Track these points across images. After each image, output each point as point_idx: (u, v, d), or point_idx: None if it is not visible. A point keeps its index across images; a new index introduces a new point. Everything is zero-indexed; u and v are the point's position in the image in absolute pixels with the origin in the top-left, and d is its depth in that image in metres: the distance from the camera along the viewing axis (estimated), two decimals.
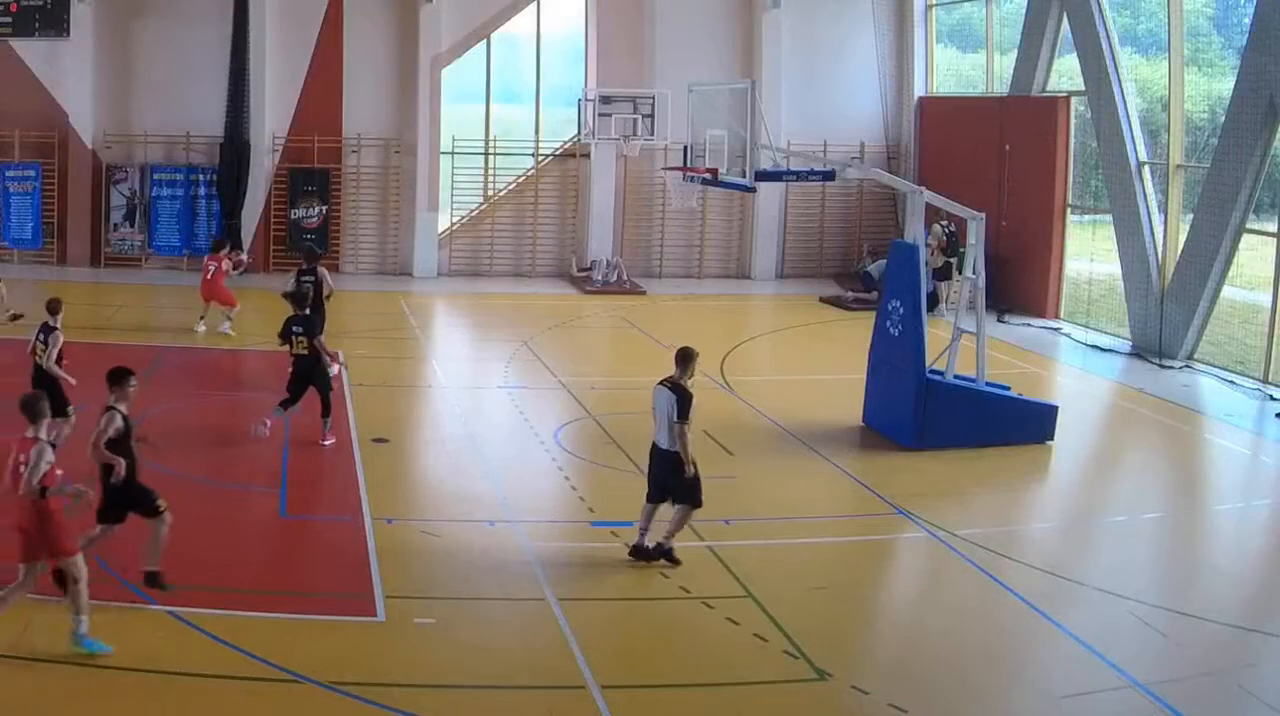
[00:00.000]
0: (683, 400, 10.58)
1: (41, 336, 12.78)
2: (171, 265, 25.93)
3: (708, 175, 16.67)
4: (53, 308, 13.09)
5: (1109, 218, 22.01)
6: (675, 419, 10.54)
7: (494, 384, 17.40)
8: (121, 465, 9.35)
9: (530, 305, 22.00)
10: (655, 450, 10.97)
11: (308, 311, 14.35)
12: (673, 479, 10.74)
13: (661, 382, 10.84)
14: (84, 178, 25.58)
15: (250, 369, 17.33)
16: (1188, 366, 19.64)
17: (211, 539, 10.99)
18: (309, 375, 13.87)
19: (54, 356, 12.65)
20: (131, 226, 25.85)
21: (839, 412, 15.88)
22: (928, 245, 22.95)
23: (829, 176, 16.33)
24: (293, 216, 26.22)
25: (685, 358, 10.90)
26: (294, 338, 13.88)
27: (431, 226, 26.74)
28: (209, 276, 19.55)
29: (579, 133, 26.37)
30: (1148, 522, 12.65)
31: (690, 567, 10.76)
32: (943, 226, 23.33)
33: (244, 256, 22.80)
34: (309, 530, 11.55)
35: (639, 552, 10.83)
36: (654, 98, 25.27)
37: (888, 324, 15.22)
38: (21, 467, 8.45)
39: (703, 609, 9.92)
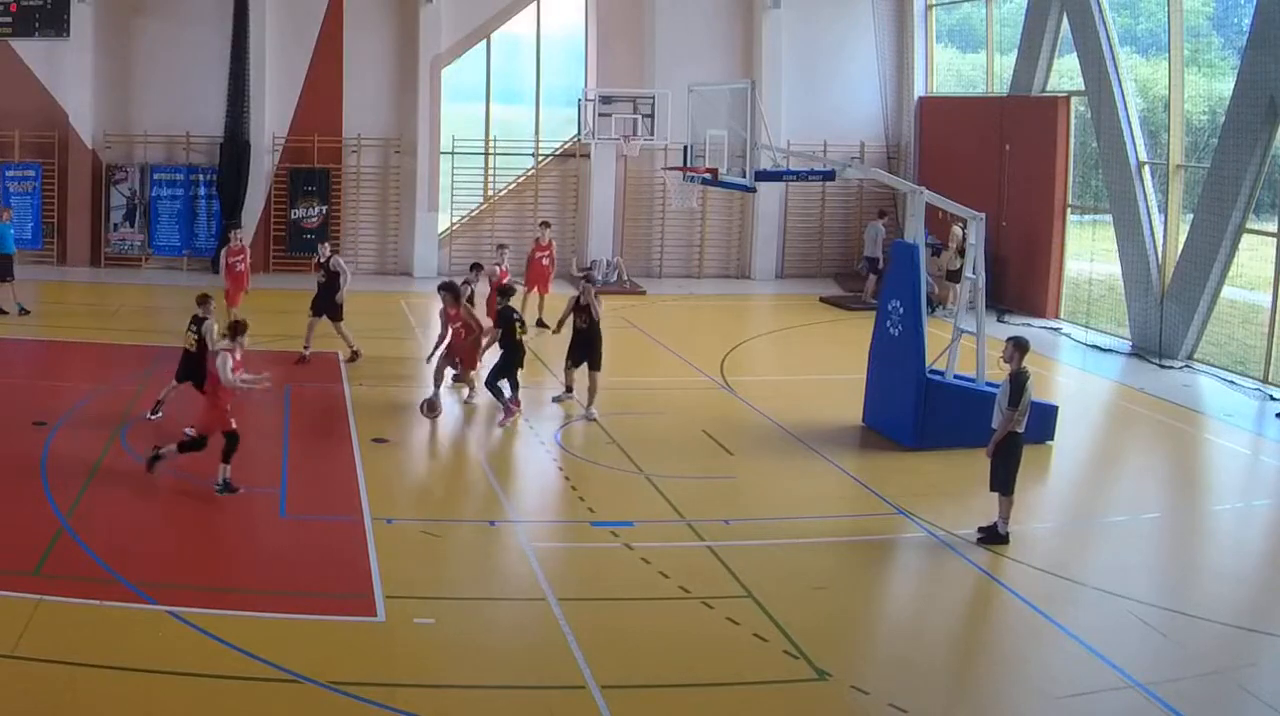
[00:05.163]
0: (1012, 387, 11.46)
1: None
2: (171, 265, 25.94)
3: (708, 175, 16.67)
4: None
5: (1109, 218, 22.01)
6: (1005, 405, 11.43)
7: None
8: None
9: (530, 305, 21.98)
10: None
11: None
12: (995, 460, 11.52)
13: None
14: (84, 178, 25.58)
15: (250, 369, 17.27)
16: (1188, 366, 19.63)
17: (211, 539, 11.01)
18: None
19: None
20: (131, 226, 25.86)
21: (839, 412, 15.88)
22: (946, 247, 22.96)
23: (829, 176, 16.32)
24: (293, 216, 26.22)
25: (1020, 347, 11.75)
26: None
27: (431, 226, 26.75)
28: None
29: (579, 133, 26.36)
30: (1148, 522, 12.65)
31: (690, 567, 10.77)
32: (962, 228, 23.27)
33: None
34: (309, 530, 11.54)
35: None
36: (654, 98, 25.27)
37: (888, 324, 15.22)
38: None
39: (703, 609, 9.92)
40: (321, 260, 18.47)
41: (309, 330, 18.03)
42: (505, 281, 18.70)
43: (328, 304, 18.10)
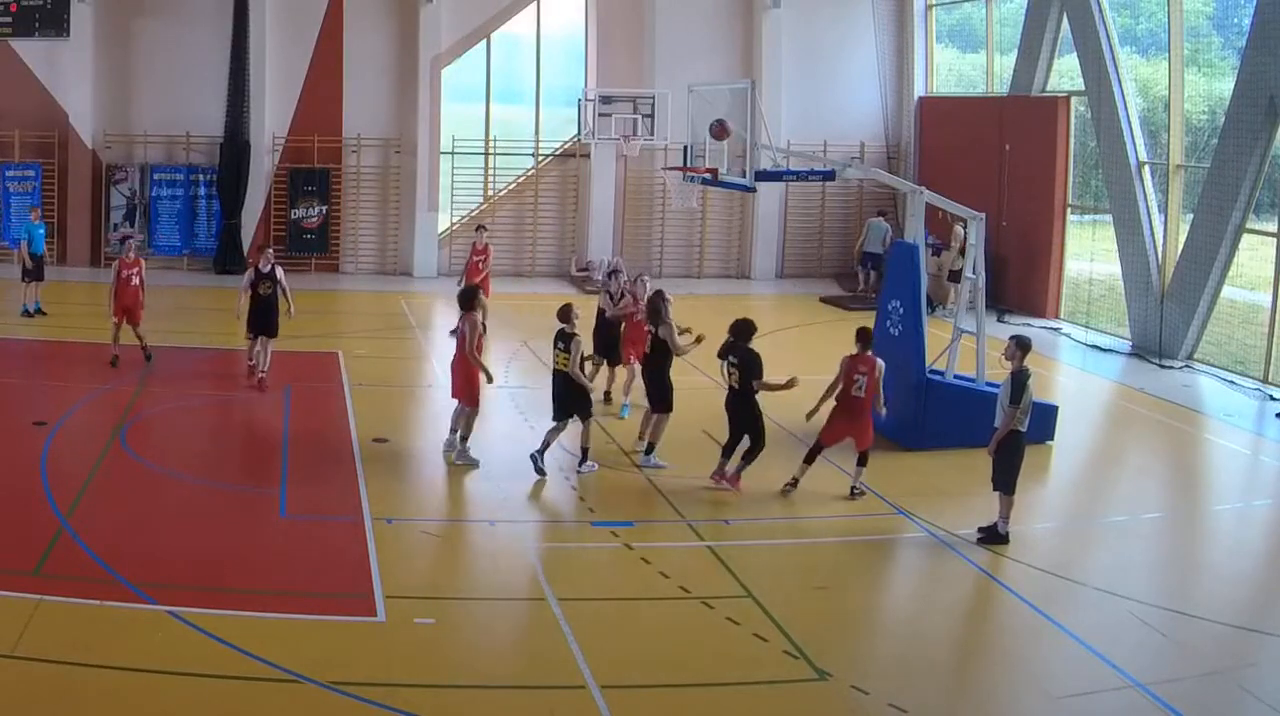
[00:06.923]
0: (1014, 386, 11.38)
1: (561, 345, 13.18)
2: (171, 265, 25.90)
3: (708, 175, 16.66)
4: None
5: (1109, 218, 22.02)
6: (1006, 403, 11.40)
7: (494, 384, 17.38)
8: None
9: (530, 305, 22.00)
10: None
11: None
12: (996, 459, 11.51)
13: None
14: (84, 178, 25.58)
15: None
16: (1188, 366, 19.63)
17: (211, 539, 11.00)
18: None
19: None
20: (131, 226, 25.84)
21: None
22: (949, 247, 22.95)
23: (829, 176, 16.32)
24: (293, 216, 26.22)
25: (1023, 346, 11.73)
26: None
27: (431, 226, 26.75)
28: None
29: (579, 133, 26.34)
30: (1148, 522, 12.64)
31: (690, 567, 10.78)
32: (963, 227, 23.24)
33: None
34: (309, 530, 11.54)
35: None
36: (654, 98, 25.24)
37: (888, 324, 15.21)
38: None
39: (703, 609, 9.92)
40: (265, 270, 16.29)
41: (251, 350, 16.55)
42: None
43: (268, 320, 16.30)
